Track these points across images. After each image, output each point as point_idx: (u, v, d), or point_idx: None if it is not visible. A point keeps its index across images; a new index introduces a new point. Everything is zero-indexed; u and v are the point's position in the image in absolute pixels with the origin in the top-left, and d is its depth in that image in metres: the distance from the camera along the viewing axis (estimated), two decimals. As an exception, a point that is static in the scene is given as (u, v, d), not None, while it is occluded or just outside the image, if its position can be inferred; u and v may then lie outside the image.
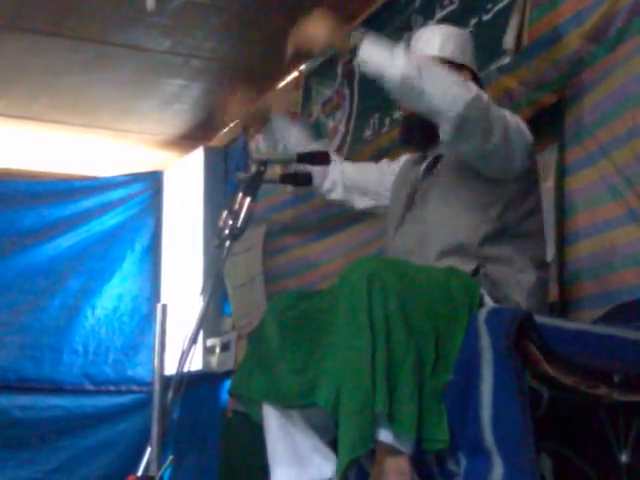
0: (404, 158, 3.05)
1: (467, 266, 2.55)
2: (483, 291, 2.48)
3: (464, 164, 2.64)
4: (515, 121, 2.62)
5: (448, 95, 2.43)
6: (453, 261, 2.57)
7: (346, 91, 4.56)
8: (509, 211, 2.63)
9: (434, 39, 2.81)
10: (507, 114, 2.59)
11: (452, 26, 2.94)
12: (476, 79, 2.80)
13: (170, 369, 2.32)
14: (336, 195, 3.14)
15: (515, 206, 2.65)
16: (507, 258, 2.61)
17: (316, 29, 2.57)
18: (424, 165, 2.84)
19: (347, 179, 3.12)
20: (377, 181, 3.08)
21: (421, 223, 2.72)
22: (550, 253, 3.01)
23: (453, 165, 2.69)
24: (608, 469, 2.43)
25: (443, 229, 2.65)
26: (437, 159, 2.78)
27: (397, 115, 4.05)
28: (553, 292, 3.02)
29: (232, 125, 6.04)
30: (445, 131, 2.50)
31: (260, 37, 4.89)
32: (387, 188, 3.03)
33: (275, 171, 3.52)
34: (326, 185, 3.13)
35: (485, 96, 2.51)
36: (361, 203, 3.14)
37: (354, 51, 2.48)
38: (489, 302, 2.47)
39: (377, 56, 2.46)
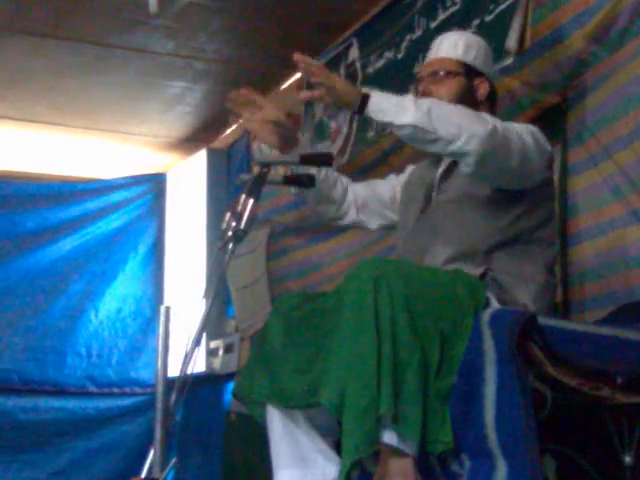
0: (411, 168, 3.06)
1: (475, 270, 2.55)
2: (489, 294, 2.48)
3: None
4: (532, 136, 2.60)
5: (463, 135, 2.42)
6: (461, 264, 2.57)
7: (349, 92, 4.56)
8: (523, 219, 2.64)
9: (458, 44, 2.83)
10: (523, 132, 2.57)
11: (477, 36, 2.97)
12: (493, 89, 2.85)
13: (173, 371, 2.32)
14: (349, 219, 3.08)
15: (529, 214, 2.65)
16: (516, 263, 2.61)
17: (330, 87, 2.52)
18: (441, 169, 2.84)
19: (359, 199, 3.05)
20: (386, 201, 3.05)
21: (434, 226, 2.72)
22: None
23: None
24: (612, 470, 2.43)
25: (455, 233, 2.66)
26: (455, 163, 2.77)
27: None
28: (557, 293, 3.02)
29: (235, 126, 6.05)
30: (467, 165, 2.49)
31: (263, 39, 4.90)
32: (396, 201, 3.03)
33: (278, 172, 3.52)
34: (338, 212, 3.06)
35: (499, 125, 2.47)
36: (374, 224, 3.10)
37: (363, 104, 2.48)
38: (495, 304, 2.47)
39: (386, 106, 2.46)
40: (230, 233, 2.46)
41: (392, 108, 2.45)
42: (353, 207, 3.05)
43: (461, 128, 2.42)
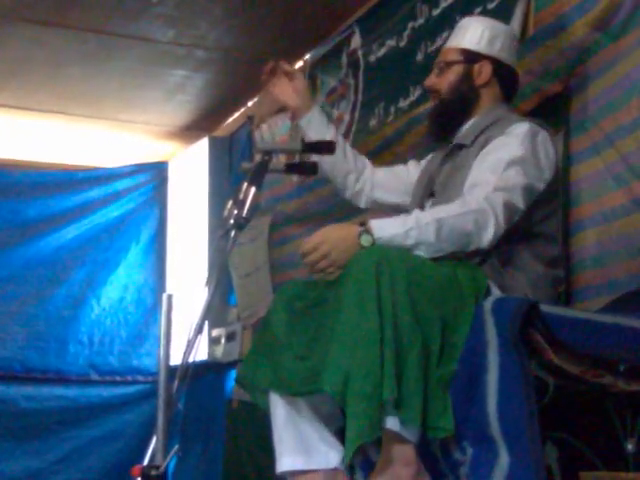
0: (430, 156, 3.06)
1: (474, 257, 2.54)
2: (490, 280, 2.48)
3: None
4: (535, 165, 2.60)
5: (472, 241, 2.46)
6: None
7: (351, 81, 4.56)
8: (525, 213, 2.61)
9: (462, 31, 2.86)
10: (529, 167, 2.56)
11: (488, 18, 2.97)
12: (504, 70, 2.82)
13: (175, 359, 2.32)
14: (364, 199, 3.12)
15: (532, 209, 2.62)
16: (516, 254, 2.60)
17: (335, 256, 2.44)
18: (442, 154, 2.85)
19: (376, 179, 3.09)
20: (405, 181, 3.05)
21: None
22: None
23: (472, 158, 2.68)
24: (614, 458, 2.43)
25: None
26: (458, 148, 2.79)
27: (402, 104, 4.04)
28: (561, 286, 3.01)
29: (237, 114, 6.05)
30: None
31: (264, 27, 4.89)
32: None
33: (280, 161, 3.52)
34: (356, 187, 3.10)
35: (498, 208, 2.47)
36: (388, 198, 3.10)
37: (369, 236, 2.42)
38: (496, 292, 2.47)
39: (394, 233, 2.42)
40: (232, 221, 2.46)
41: (399, 236, 2.42)
42: (369, 183, 3.09)
43: (469, 236, 2.45)
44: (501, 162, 2.55)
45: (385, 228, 2.42)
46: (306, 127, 3.09)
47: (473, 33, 2.82)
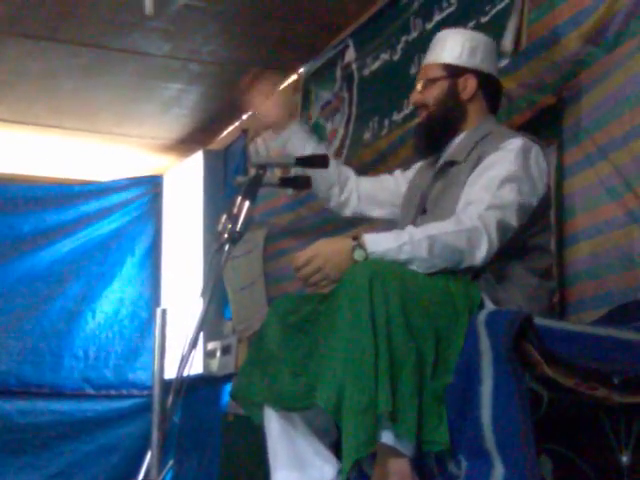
0: (419, 164, 3.05)
1: (468, 273, 2.54)
2: (483, 294, 2.48)
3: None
4: (529, 181, 2.59)
5: (465, 259, 2.46)
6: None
7: (345, 94, 4.56)
8: (518, 228, 2.60)
9: (442, 45, 2.84)
10: (513, 204, 2.54)
11: (465, 30, 2.97)
12: (488, 81, 2.81)
13: (170, 373, 2.32)
14: (349, 210, 3.13)
15: (526, 223, 2.61)
16: (509, 267, 2.60)
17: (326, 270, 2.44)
18: (434, 170, 2.84)
19: (362, 190, 3.09)
20: (393, 191, 3.06)
21: None
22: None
23: (465, 174, 2.68)
24: (609, 470, 2.43)
25: None
26: (449, 164, 2.78)
27: (396, 117, 4.05)
28: (555, 297, 3.01)
29: (232, 128, 6.05)
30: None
31: (259, 41, 4.90)
32: (401, 197, 3.03)
33: (274, 174, 3.52)
34: (340, 198, 3.11)
35: (491, 227, 2.48)
36: (377, 213, 3.12)
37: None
38: (489, 305, 2.47)
39: (386, 247, 2.42)
40: (226, 235, 2.46)
41: (392, 251, 2.41)
42: (355, 195, 3.09)
43: (462, 254, 2.45)
44: (495, 179, 2.55)
45: (378, 242, 2.42)
46: (284, 145, 3.07)
47: (453, 46, 2.80)
